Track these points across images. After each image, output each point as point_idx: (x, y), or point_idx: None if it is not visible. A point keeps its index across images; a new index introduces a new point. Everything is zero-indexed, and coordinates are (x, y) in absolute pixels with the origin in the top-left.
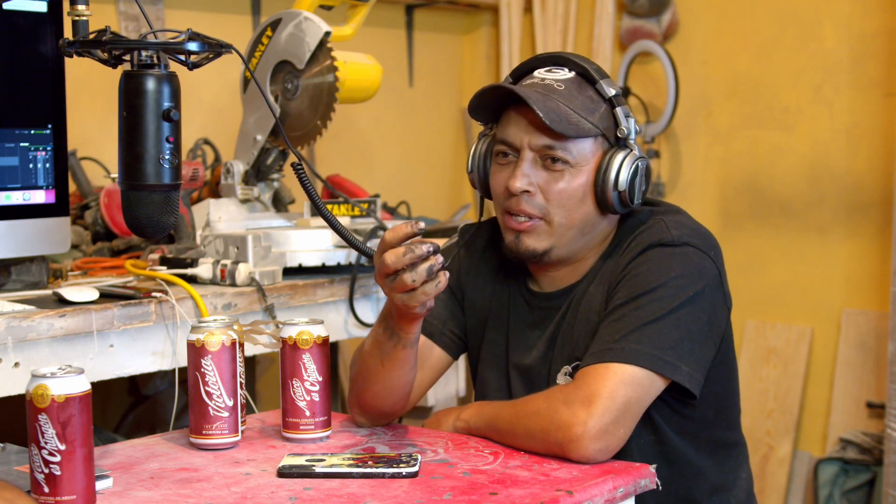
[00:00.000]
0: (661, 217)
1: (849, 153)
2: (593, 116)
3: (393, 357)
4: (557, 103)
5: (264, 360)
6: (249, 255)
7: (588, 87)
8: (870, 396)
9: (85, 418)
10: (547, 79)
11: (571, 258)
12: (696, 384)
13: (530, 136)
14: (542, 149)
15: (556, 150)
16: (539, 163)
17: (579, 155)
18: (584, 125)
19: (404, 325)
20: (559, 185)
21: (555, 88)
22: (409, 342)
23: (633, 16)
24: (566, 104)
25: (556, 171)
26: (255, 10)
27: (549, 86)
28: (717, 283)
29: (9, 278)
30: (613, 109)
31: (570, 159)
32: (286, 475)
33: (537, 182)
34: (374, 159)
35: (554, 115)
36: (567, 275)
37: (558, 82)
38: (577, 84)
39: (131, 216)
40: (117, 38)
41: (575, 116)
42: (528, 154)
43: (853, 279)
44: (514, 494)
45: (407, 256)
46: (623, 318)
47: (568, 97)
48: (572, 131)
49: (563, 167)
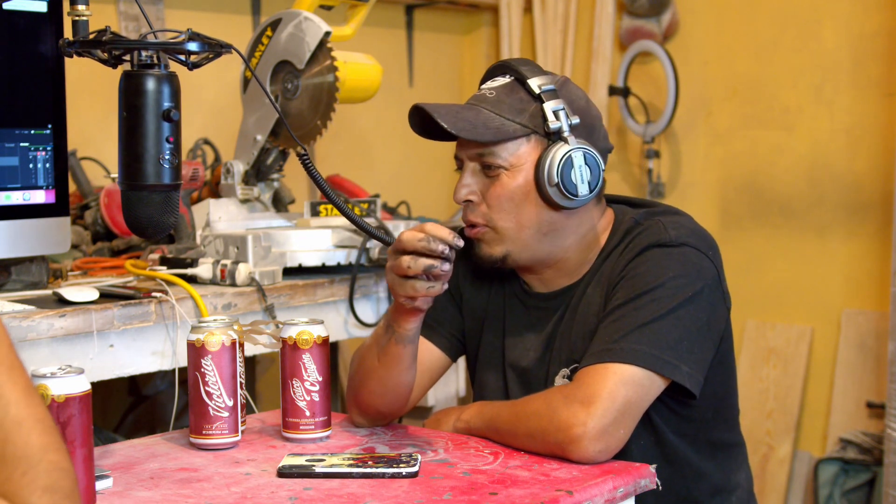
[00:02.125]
0: (660, 218)
1: (849, 153)
2: (522, 117)
3: (389, 353)
4: (479, 111)
5: (264, 360)
6: (249, 255)
7: (519, 88)
8: (870, 396)
9: (85, 418)
10: (483, 89)
11: (545, 259)
12: (696, 384)
13: (465, 147)
14: (475, 157)
15: (485, 157)
16: (480, 171)
17: (512, 157)
18: (508, 127)
19: (400, 318)
20: (496, 189)
21: (485, 97)
22: (403, 338)
23: (633, 16)
24: (491, 110)
25: (493, 176)
26: (255, 10)
27: (480, 95)
28: (716, 283)
29: (9, 278)
30: (542, 105)
31: (502, 163)
32: (286, 475)
33: (479, 189)
34: (374, 159)
35: (466, 123)
36: (562, 276)
37: (490, 90)
38: (508, 88)
39: (131, 216)
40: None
41: (497, 120)
42: (470, 164)
43: (853, 279)
44: (514, 494)
45: (420, 243)
46: (622, 319)
47: (495, 103)
48: (490, 135)
49: (498, 171)
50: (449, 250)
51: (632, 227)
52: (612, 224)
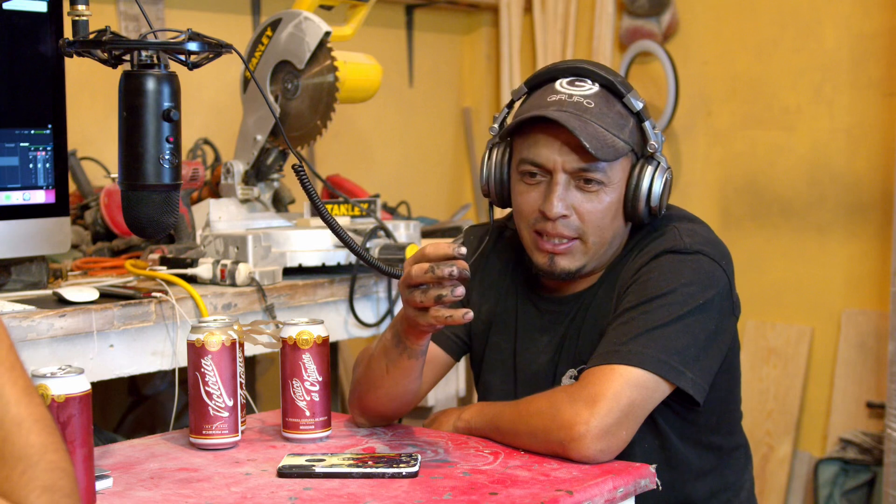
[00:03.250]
0: (675, 224)
1: (849, 153)
2: (624, 133)
3: (398, 366)
4: (594, 126)
5: (264, 360)
6: (249, 255)
7: (615, 101)
8: (870, 396)
9: (85, 418)
10: (574, 95)
11: (595, 270)
12: (701, 391)
13: (564, 157)
14: (577, 171)
15: (591, 173)
16: (572, 183)
17: (612, 173)
18: (619, 145)
19: (411, 335)
20: (594, 205)
21: (585, 107)
22: (415, 353)
23: (633, 16)
24: (599, 123)
25: (590, 191)
26: (255, 10)
27: (578, 104)
28: (727, 293)
29: (9, 278)
30: (642, 124)
31: (603, 179)
32: (286, 475)
33: (572, 203)
34: (374, 159)
35: (595, 140)
36: (578, 280)
37: (587, 99)
38: (605, 99)
39: (131, 216)
40: (117, 38)
41: (610, 137)
42: (562, 177)
43: (853, 279)
44: (514, 494)
45: (427, 276)
46: (631, 322)
47: (599, 115)
48: (611, 154)
49: (597, 188)
50: (457, 271)
51: (647, 231)
52: (630, 229)
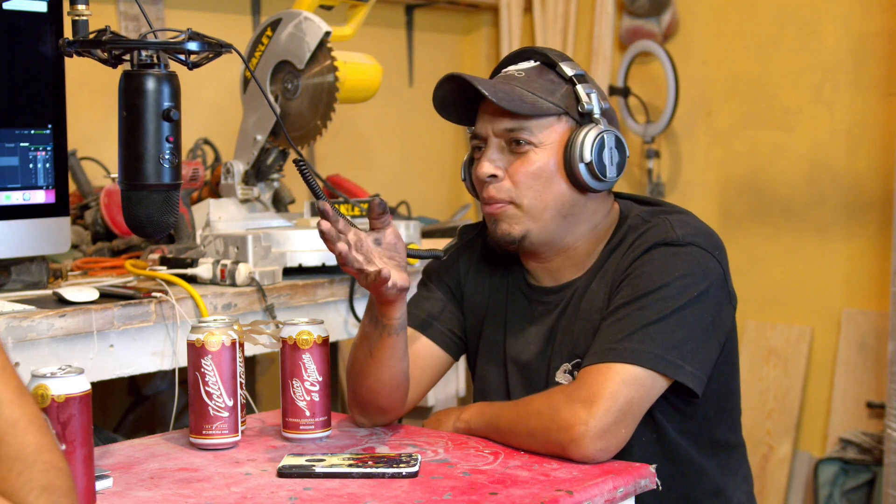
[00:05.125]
0: (666, 216)
1: (849, 153)
2: (553, 96)
3: (380, 346)
4: (513, 87)
5: (264, 360)
6: (249, 255)
7: (549, 71)
8: (870, 396)
9: (85, 418)
10: (510, 70)
11: (558, 244)
12: (700, 384)
13: (493, 123)
14: (504, 133)
15: (517, 132)
16: (506, 148)
17: (543, 134)
18: (542, 104)
19: (384, 309)
20: (524, 166)
21: (514, 76)
22: (393, 329)
23: (633, 16)
24: (523, 87)
25: (521, 153)
26: (255, 10)
27: (509, 76)
28: (722, 283)
29: (9, 278)
30: (574, 87)
31: (532, 139)
32: (286, 475)
33: (504, 167)
34: (374, 159)
35: (505, 95)
36: (568, 268)
37: (519, 71)
38: (537, 70)
39: (131, 216)
40: (117, 38)
41: (531, 97)
42: (494, 140)
43: (853, 279)
44: (514, 494)
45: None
46: (626, 318)
47: (526, 81)
48: (527, 109)
49: (527, 147)
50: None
51: (637, 223)
52: (617, 219)
